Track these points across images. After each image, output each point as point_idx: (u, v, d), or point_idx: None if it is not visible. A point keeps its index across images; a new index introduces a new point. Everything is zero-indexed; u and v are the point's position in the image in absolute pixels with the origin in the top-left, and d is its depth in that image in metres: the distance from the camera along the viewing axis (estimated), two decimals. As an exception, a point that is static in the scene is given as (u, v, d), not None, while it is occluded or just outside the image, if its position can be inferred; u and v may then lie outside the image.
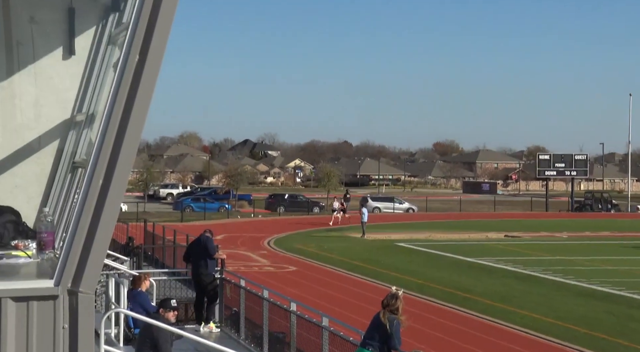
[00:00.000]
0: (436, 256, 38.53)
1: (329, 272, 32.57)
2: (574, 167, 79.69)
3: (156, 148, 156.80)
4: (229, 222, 56.93)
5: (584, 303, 26.11)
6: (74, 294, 4.31)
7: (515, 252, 40.41)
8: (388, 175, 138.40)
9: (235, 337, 15.57)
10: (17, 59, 6.00)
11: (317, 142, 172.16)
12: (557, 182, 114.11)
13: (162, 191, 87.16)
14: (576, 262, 36.38)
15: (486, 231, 51.68)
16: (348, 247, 41.92)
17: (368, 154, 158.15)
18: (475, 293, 27.48)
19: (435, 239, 47.02)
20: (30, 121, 6.05)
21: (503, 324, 22.56)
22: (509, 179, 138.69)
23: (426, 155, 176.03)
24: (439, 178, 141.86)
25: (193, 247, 16.86)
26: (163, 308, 11.19)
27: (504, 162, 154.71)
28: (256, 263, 35.04)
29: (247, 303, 15.67)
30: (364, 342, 10.15)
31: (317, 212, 69.80)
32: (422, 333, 19.53)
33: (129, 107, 4.42)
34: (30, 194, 6.07)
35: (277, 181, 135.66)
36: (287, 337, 13.78)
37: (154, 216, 55.53)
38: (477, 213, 72.55)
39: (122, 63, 4.45)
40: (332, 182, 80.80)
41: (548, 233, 51.66)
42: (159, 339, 10.45)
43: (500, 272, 33.20)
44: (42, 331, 4.28)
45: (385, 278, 30.19)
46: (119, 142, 4.40)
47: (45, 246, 4.98)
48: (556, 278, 31.32)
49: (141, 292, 13.83)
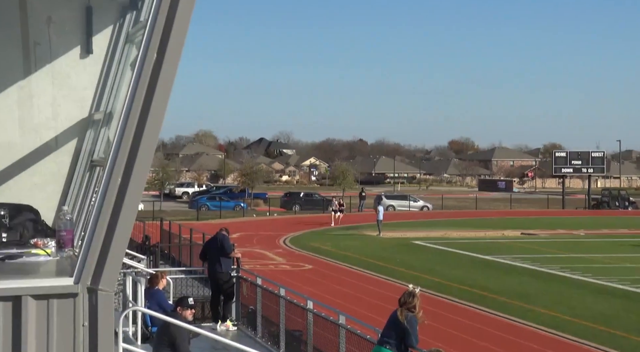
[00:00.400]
0: (452, 254, 38.44)
1: (345, 271, 32.56)
2: (590, 165, 79.28)
3: (172, 147, 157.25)
4: (244, 221, 57.04)
5: (602, 301, 25.97)
6: (93, 292, 4.32)
7: (532, 250, 40.24)
8: (403, 173, 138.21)
9: (252, 335, 15.59)
10: (35, 59, 6.03)
11: (332, 141, 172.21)
12: (574, 179, 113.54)
13: (178, 189, 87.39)
14: (594, 259, 36.18)
15: (502, 228, 51.48)
16: (364, 245, 41.89)
17: (383, 152, 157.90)
18: (492, 291, 27.39)
19: (451, 237, 46.89)
20: (48, 120, 6.08)
21: (520, 322, 22.47)
22: (525, 177, 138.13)
23: (442, 153, 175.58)
24: (455, 176, 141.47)
25: (209, 245, 16.88)
26: (180, 306, 11.23)
27: (520, 159, 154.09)
28: (272, 261, 35.08)
29: (263, 301, 15.68)
30: (382, 341, 10.13)
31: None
32: (439, 331, 19.48)
33: (147, 106, 4.42)
34: (48, 193, 6.10)
35: (292, 179, 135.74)
36: (303, 336, 13.78)
37: (170, 214, 55.70)
38: (493, 211, 72.30)
39: (139, 61, 4.45)
40: (347, 180, 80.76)
41: (565, 231, 51.42)
42: (177, 337, 10.47)
43: (517, 270, 33.07)
44: (62, 328, 4.29)
45: (401, 276, 30.15)
46: (137, 141, 4.40)
47: (64, 244, 4.99)
48: (574, 276, 31.17)
49: (158, 290, 13.88)
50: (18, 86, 6.01)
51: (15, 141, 6.04)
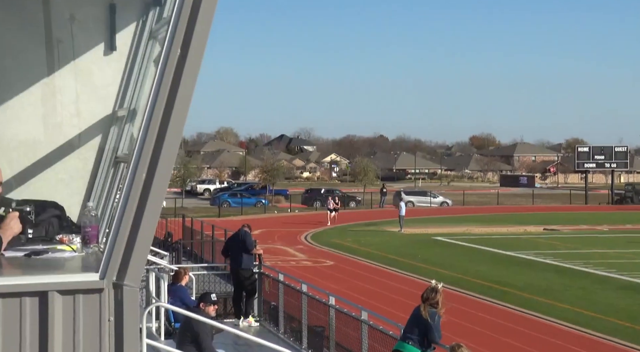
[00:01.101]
0: (474, 250, 38.31)
1: (366, 267, 32.55)
2: (613, 159, 78.66)
3: (193, 144, 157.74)
4: (265, 217, 57.16)
5: (625, 296, 25.79)
6: (119, 287, 4.34)
7: (555, 245, 40.03)
8: (424, 169, 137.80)
9: (274, 332, 15.63)
10: (58, 56, 6.06)
11: (353, 137, 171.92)
12: (597, 174, 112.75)
13: (200, 186, 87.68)
14: (617, 255, 35.93)
15: (524, 224, 51.25)
16: (385, 241, 41.85)
17: (404, 148, 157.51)
18: (515, 287, 27.29)
19: (473, 232, 46.74)
20: (72, 117, 6.11)
21: (543, 318, 22.37)
22: (547, 172, 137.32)
23: (463, 149, 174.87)
24: (476, 171, 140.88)
25: (232, 241, 16.94)
26: (203, 302, 11.28)
27: (542, 155, 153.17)
28: (293, 258, 35.13)
29: (285, 297, 15.71)
30: (404, 336, 10.12)
31: (354, 206, 69.75)
32: (462, 327, 19.43)
33: (171, 102, 4.43)
34: (73, 189, 6.14)
35: (313, 175, 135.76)
36: (326, 331, 13.79)
37: (191, 211, 55.93)
38: (515, 206, 71.95)
39: (163, 58, 4.46)
40: (368, 176, 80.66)
41: (588, 226, 51.09)
42: (200, 333, 10.52)
43: (540, 265, 32.91)
44: (88, 323, 4.32)
45: (423, 272, 30.09)
46: (161, 137, 4.42)
47: (89, 240, 5.03)
48: (597, 271, 30.97)
49: (181, 286, 13.95)
50: (42, 84, 6.06)
51: (40, 138, 6.08)
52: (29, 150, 6.04)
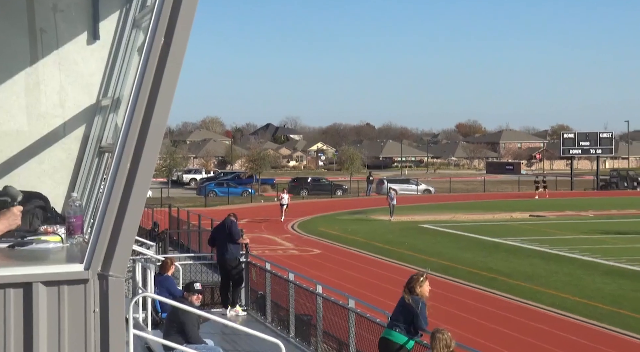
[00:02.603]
0: (461, 237, 38.45)
1: (353, 255, 32.60)
2: (599, 146, 79.05)
3: (179, 134, 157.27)
4: (252, 207, 57.11)
5: (611, 282, 25.96)
6: (104, 278, 4.32)
7: (541, 231, 40.22)
8: (411, 157, 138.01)
9: (261, 320, 15.64)
10: (41, 46, 6.01)
11: (339, 125, 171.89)
12: (582, 160, 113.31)
13: (186, 176, 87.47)
14: (603, 240, 36.14)
15: (511, 211, 51.46)
16: (372, 229, 41.92)
17: (390, 136, 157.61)
18: (502, 273, 27.41)
19: (460, 220, 46.89)
20: (55, 107, 6.07)
21: (530, 304, 22.49)
22: (533, 159, 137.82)
23: (449, 136, 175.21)
24: (462, 159, 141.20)
25: (218, 231, 16.89)
26: (187, 292, 11.26)
27: (528, 141, 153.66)
28: (280, 246, 35.14)
29: (272, 286, 15.71)
30: (391, 324, 10.14)
31: (341, 195, 69.81)
32: (449, 314, 19.51)
33: (155, 91, 4.40)
34: (57, 180, 6.10)
35: (299, 164, 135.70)
36: (313, 320, 13.80)
37: (178, 201, 55.83)
38: (501, 193, 72.21)
39: (147, 47, 4.43)
40: (354, 164, 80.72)
41: (573, 212, 51.36)
42: (186, 323, 10.51)
43: (526, 252, 33.07)
44: (73, 314, 4.30)
45: (410, 260, 30.18)
46: (145, 126, 4.39)
47: (74, 231, 4.99)
48: (583, 257, 31.16)
49: (168, 277, 13.92)
50: (25, 73, 6.01)
51: (23, 129, 6.03)
52: (13, 140, 6.00)
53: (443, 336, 9.04)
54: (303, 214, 50.55)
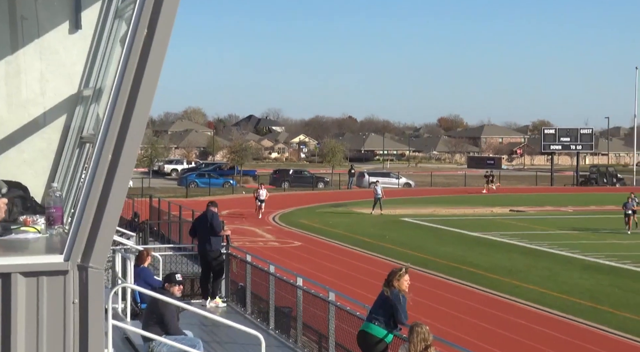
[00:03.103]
0: (441, 231, 38.58)
1: (334, 247, 32.64)
2: (579, 142, 79.50)
3: (160, 124, 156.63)
4: (233, 198, 56.99)
5: (589, 277, 26.16)
6: (83, 269, 4.30)
7: (521, 226, 40.44)
8: (392, 150, 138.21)
9: (241, 312, 15.62)
10: (22, 34, 5.96)
11: (322, 118, 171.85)
12: (562, 156, 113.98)
13: (167, 166, 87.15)
14: (581, 236, 36.39)
15: (491, 205, 51.68)
16: (353, 222, 41.98)
17: (372, 129, 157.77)
18: (481, 268, 27.54)
19: (440, 214, 47.04)
20: (36, 96, 6.02)
21: (509, 298, 22.62)
22: (513, 154, 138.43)
23: (431, 131, 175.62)
24: (444, 153, 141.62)
25: (199, 222, 16.82)
26: (168, 283, 11.22)
27: (509, 136, 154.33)
28: (261, 238, 35.12)
29: (253, 278, 15.69)
30: (370, 317, 10.17)
31: (322, 187, 69.84)
32: (429, 308, 19.59)
33: (138, 82, 4.38)
34: (37, 170, 6.06)
35: (281, 156, 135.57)
36: (293, 312, 13.81)
37: (159, 191, 55.63)
38: (481, 188, 72.51)
39: (129, 37, 4.41)
40: (336, 157, 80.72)
41: (553, 207, 51.67)
42: (165, 314, 10.49)
43: (506, 246, 33.24)
44: (52, 306, 4.28)
45: (390, 253, 30.26)
46: (127, 117, 4.37)
47: (54, 221, 4.97)
48: (562, 252, 31.36)
49: (144, 268, 13.86)
50: (5, 62, 5.95)
51: (3, 117, 5.99)
52: (-8, 129, 5.95)
53: (421, 329, 9.08)
54: (284, 206, 50.53)
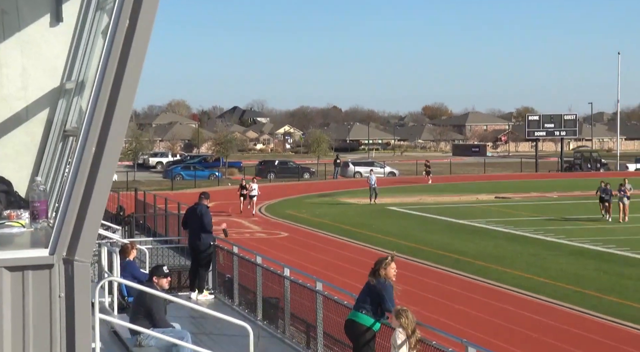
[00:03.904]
0: (427, 219, 38.67)
1: (321, 238, 32.67)
2: (563, 127, 79.81)
3: (144, 117, 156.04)
4: (219, 190, 56.88)
5: (575, 262, 26.31)
6: (69, 262, 4.29)
7: (506, 213, 40.59)
8: (378, 139, 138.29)
9: (229, 304, 15.62)
10: (3, 28, 5.91)
11: (306, 108, 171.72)
12: (547, 142, 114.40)
13: (152, 159, 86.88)
14: (567, 221, 36.57)
15: (477, 193, 51.85)
16: (339, 212, 42.01)
17: (357, 118, 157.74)
18: (468, 255, 27.64)
19: (426, 202, 47.14)
20: (18, 90, 5.98)
21: (496, 285, 22.73)
22: (498, 141, 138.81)
23: (415, 119, 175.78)
24: (429, 141, 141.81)
25: (191, 215, 16.68)
26: (156, 276, 11.19)
27: (493, 124, 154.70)
28: (248, 230, 35.10)
29: (240, 270, 15.67)
30: (358, 306, 10.18)
31: (308, 178, 69.82)
32: (415, 295, 19.65)
33: (120, 74, 4.36)
34: (21, 164, 6.03)
35: (266, 147, 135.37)
36: (280, 302, 13.81)
37: (144, 184, 55.46)
38: (467, 175, 72.72)
39: (111, 29, 4.38)
40: (321, 147, 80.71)
41: (538, 193, 51.89)
42: (153, 307, 10.48)
43: (492, 233, 33.37)
44: (38, 300, 4.27)
45: (377, 242, 30.31)
46: (111, 110, 4.35)
47: (38, 215, 4.94)
48: (547, 238, 31.52)
49: (130, 261, 13.82)
50: (-14, 56, 5.91)
51: (-15, 112, 5.94)
52: (-25, 124, 5.91)
53: (408, 312, 9.18)
54: (270, 197, 50.50)
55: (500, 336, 17.08)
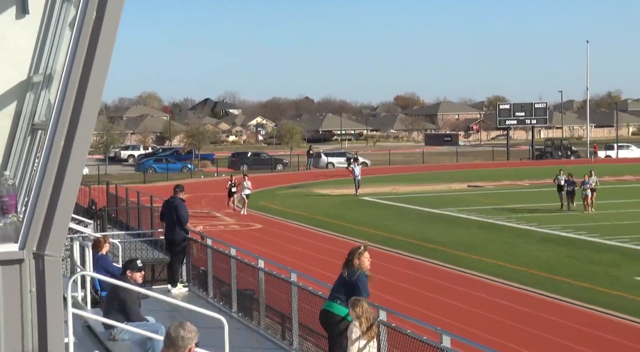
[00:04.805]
0: (401, 209, 38.82)
1: (294, 229, 32.68)
2: (533, 116, 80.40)
3: (115, 110, 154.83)
4: (192, 182, 56.64)
5: (546, 249, 26.57)
6: (40, 257, 4.25)
7: (479, 201, 40.85)
8: (350, 130, 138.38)
9: (203, 296, 15.57)
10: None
11: (279, 99, 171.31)
12: (518, 131, 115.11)
13: (123, 152, 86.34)
14: (538, 209, 36.89)
15: (449, 182, 52.11)
16: (313, 203, 42.04)
17: (330, 109, 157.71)
18: (441, 244, 27.80)
19: (399, 192, 47.30)
20: (-15, 83, 5.90)
21: (469, 273, 22.88)
22: (470, 130, 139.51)
23: (388, 109, 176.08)
24: (401, 131, 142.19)
25: (167, 208, 16.56)
26: (130, 270, 11.13)
27: (465, 113, 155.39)
28: (221, 222, 35.02)
29: (214, 262, 15.63)
30: (332, 296, 10.20)
31: (281, 169, 69.80)
32: (390, 285, 19.73)
33: (88, 66, 4.32)
34: (-12, 158, 5.95)
35: (239, 139, 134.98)
36: (255, 294, 13.80)
37: (116, 178, 55.10)
38: (439, 165, 73.05)
39: (78, 21, 4.34)
40: (294, 139, 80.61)
41: (510, 182, 52.26)
42: (127, 300, 10.42)
43: (465, 221, 33.58)
44: (9, 295, 4.22)
45: (351, 232, 30.38)
46: (79, 102, 4.31)
47: (7, 210, 4.89)
48: (519, 225, 31.79)
49: (102, 255, 13.72)
50: (-49, 49, 5.82)
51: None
52: (-60, 118, 5.82)
53: (363, 303, 9.28)
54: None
55: (474, 323, 17.21)
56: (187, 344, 5.13)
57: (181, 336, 5.10)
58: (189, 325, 5.21)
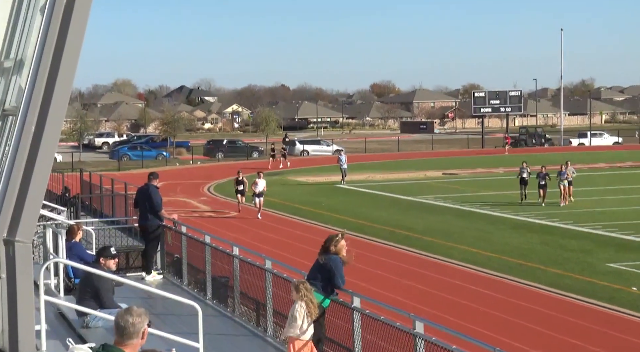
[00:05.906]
0: (376, 196, 38.94)
1: (269, 216, 32.67)
2: (508, 104, 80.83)
3: (89, 97, 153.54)
4: (167, 170, 56.45)
5: (519, 236, 26.79)
6: (10, 243, 4.22)
7: (454, 189, 41.07)
8: (326, 117, 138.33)
9: (178, 283, 15.55)
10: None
11: (254, 87, 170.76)
12: (493, 119, 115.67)
13: (98, 140, 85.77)
14: (512, 196, 37.13)
15: (424, 169, 52.30)
16: (288, 190, 42.04)
17: (305, 97, 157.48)
18: (416, 231, 27.93)
19: (375, 179, 47.42)
20: (-46, 69, 5.84)
21: (443, 260, 23.03)
22: (445, 118, 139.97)
23: (364, 97, 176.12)
24: (377, 119, 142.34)
25: (140, 195, 16.48)
26: (103, 257, 11.09)
27: (441, 101, 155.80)
28: (197, 209, 34.93)
29: (189, 249, 15.59)
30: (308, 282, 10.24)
31: (257, 156, 69.68)
32: (366, 272, 19.81)
33: (59, 52, 4.30)
34: (-41, 145, 5.89)
35: (215, 127, 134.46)
36: (230, 281, 13.80)
37: (90, 165, 54.75)
38: (415, 152, 73.29)
39: (49, 6, 4.31)
40: (270, 126, 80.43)
41: (484, 169, 52.56)
42: (100, 288, 10.40)
43: (440, 209, 33.75)
44: (-20, 282, 4.20)
45: (326, 220, 30.44)
46: (50, 88, 4.29)
47: (-22, 197, 4.85)
48: (493, 213, 32.01)
49: (76, 243, 13.66)
50: None
51: None
52: None
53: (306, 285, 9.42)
54: (219, 176, 50.29)
55: (447, 309, 17.34)
56: (138, 329, 4.93)
57: (131, 322, 4.89)
58: (135, 309, 4.97)
